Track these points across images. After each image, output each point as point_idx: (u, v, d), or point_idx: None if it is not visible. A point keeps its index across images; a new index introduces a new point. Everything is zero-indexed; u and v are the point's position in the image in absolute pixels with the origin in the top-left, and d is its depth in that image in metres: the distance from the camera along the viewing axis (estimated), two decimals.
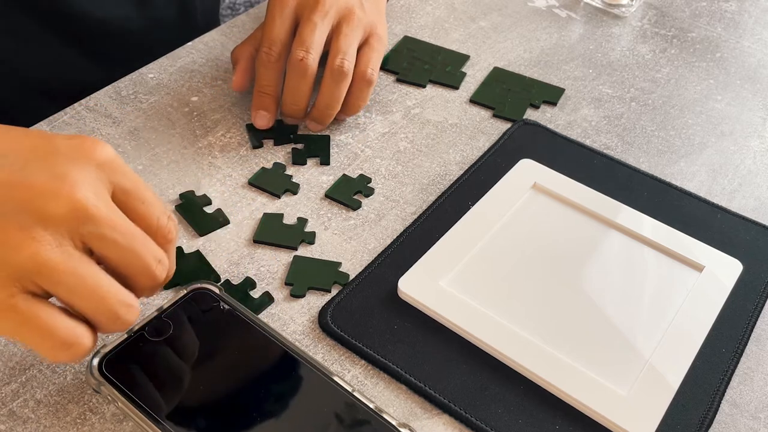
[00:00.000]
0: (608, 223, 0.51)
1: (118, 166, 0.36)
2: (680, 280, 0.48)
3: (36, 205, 0.32)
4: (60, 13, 0.62)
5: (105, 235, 0.34)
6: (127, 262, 0.36)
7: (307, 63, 0.54)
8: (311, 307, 0.46)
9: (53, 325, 0.33)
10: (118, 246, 0.35)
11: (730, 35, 0.72)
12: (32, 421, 0.40)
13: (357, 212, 0.52)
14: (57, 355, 0.34)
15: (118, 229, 0.34)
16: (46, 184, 0.32)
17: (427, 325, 0.45)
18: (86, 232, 0.33)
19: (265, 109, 0.56)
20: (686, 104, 0.63)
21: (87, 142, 0.35)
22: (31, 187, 0.32)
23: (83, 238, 0.34)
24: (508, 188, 0.53)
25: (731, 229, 0.52)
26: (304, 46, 0.54)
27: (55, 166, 0.33)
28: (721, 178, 0.57)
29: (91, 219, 0.33)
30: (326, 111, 0.56)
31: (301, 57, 0.53)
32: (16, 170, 0.33)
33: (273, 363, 0.41)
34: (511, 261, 0.49)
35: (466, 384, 0.42)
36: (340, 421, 0.39)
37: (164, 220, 0.38)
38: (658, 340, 0.45)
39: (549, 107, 0.62)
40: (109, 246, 0.34)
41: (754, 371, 0.45)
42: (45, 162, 0.33)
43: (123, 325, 0.36)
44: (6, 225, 0.32)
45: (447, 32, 0.69)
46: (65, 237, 0.33)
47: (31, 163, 0.33)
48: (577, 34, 0.70)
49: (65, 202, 0.33)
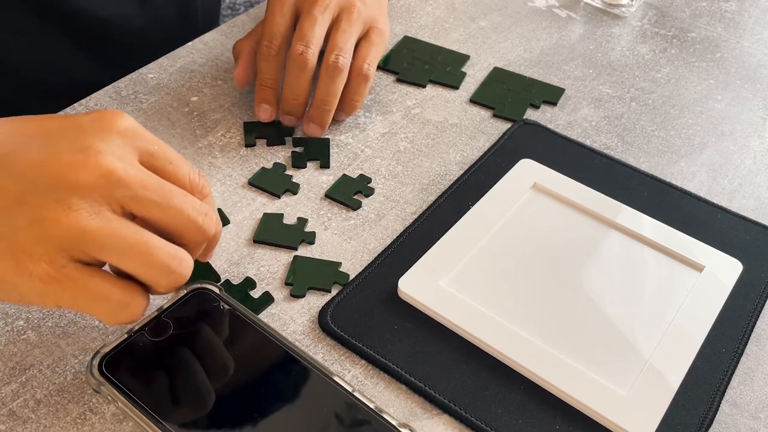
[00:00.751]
0: (608, 223, 0.51)
1: (139, 132, 0.37)
2: (680, 280, 0.48)
3: (67, 179, 0.34)
4: (63, 11, 0.62)
5: (139, 196, 0.35)
6: (169, 220, 0.36)
7: (306, 57, 0.54)
8: (311, 307, 0.46)
9: (107, 289, 0.35)
10: (155, 205, 0.36)
11: (731, 35, 0.72)
12: (32, 421, 0.40)
13: (357, 212, 0.52)
14: (115, 316, 0.36)
15: (150, 188, 0.36)
16: (73, 158, 0.34)
17: (427, 325, 0.45)
18: (120, 197, 0.35)
19: (267, 102, 0.56)
20: (686, 104, 0.63)
21: (107, 114, 0.37)
22: (59, 162, 0.34)
23: (120, 203, 0.35)
24: (508, 188, 0.53)
25: (731, 229, 0.52)
26: (304, 40, 0.54)
27: (79, 140, 0.35)
28: (721, 178, 0.57)
29: (122, 182, 0.35)
30: (323, 107, 0.55)
31: (301, 51, 0.54)
32: (45, 150, 0.34)
33: (273, 363, 0.41)
34: (512, 261, 0.49)
35: (466, 384, 0.42)
36: (340, 421, 0.39)
37: (195, 177, 0.39)
38: (658, 340, 0.45)
39: (549, 107, 0.62)
40: (146, 206, 0.35)
41: (754, 371, 0.45)
42: (70, 138, 0.35)
43: (177, 278, 0.36)
44: (43, 201, 0.33)
45: (447, 32, 0.69)
46: (102, 204, 0.34)
47: (58, 141, 0.35)
48: (577, 34, 0.70)
49: (93, 170, 0.34)
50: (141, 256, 0.35)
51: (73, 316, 0.45)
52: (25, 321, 0.44)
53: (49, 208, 0.33)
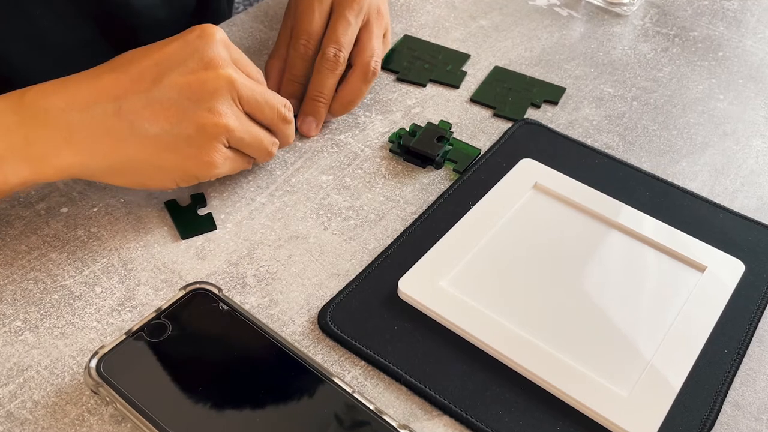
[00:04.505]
0: (610, 223, 0.51)
1: (228, 41, 0.48)
2: (682, 280, 0.48)
3: (208, 90, 0.45)
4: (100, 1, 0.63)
5: (249, 96, 0.47)
6: (264, 113, 0.49)
7: (339, 61, 0.56)
8: (311, 307, 0.46)
9: (243, 159, 0.50)
10: (257, 102, 0.48)
11: (733, 34, 0.71)
12: (30, 423, 0.40)
13: (357, 212, 0.52)
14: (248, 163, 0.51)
15: (255, 89, 0.48)
16: (207, 74, 0.46)
17: (428, 326, 0.45)
18: (237, 96, 0.47)
19: (294, 97, 0.58)
20: (688, 103, 0.63)
21: (206, 29, 0.47)
22: (198, 79, 0.45)
23: (239, 101, 0.47)
24: (508, 188, 0.53)
25: (733, 229, 0.52)
26: (338, 44, 0.56)
27: (200, 56, 0.46)
28: (723, 177, 0.57)
29: (240, 85, 0.47)
30: (347, 106, 0.58)
31: (334, 54, 0.56)
32: (182, 72, 0.45)
33: (272, 364, 0.41)
34: (512, 261, 0.48)
35: (466, 385, 0.42)
36: (340, 423, 0.38)
37: (261, 77, 0.50)
38: (659, 340, 0.44)
39: (550, 106, 0.62)
40: (252, 103, 0.48)
41: (756, 372, 0.44)
42: (195, 57, 0.46)
43: (271, 155, 0.51)
44: (200, 112, 0.45)
45: (447, 31, 0.69)
46: (232, 104, 0.47)
47: (186, 61, 0.46)
48: (578, 33, 0.70)
49: (222, 79, 0.46)
50: (256, 142, 0.49)
51: (71, 317, 0.45)
52: (22, 322, 0.44)
53: (205, 116, 0.45)
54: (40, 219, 0.50)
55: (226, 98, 0.46)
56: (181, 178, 0.47)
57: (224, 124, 0.46)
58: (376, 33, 0.58)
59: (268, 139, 0.50)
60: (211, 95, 0.45)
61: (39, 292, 0.46)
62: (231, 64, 0.47)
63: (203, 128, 0.45)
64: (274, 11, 0.69)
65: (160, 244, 0.49)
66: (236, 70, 0.47)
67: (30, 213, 0.50)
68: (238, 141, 0.48)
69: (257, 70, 0.50)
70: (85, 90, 0.44)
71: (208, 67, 0.46)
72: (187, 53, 0.46)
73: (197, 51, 0.46)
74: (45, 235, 0.49)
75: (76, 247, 0.48)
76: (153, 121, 0.45)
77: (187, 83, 0.45)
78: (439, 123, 0.58)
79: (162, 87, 0.45)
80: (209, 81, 0.45)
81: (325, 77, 0.56)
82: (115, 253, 0.48)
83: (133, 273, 0.47)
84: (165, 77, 0.45)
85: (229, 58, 0.47)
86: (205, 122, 0.45)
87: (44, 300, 0.45)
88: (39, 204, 0.51)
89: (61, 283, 0.46)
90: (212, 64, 0.46)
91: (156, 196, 0.52)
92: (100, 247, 0.49)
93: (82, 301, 0.45)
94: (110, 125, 0.44)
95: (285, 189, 0.54)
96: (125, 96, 0.44)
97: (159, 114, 0.45)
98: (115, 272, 0.47)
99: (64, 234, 0.49)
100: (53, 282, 0.46)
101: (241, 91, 0.47)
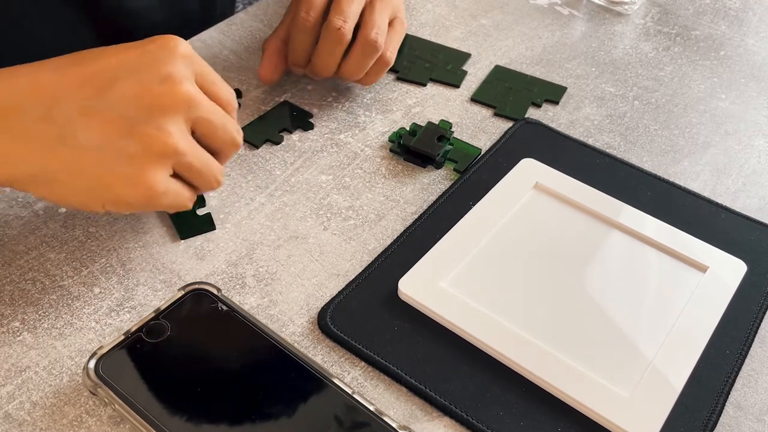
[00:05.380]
0: (611, 223, 0.51)
1: (193, 55, 0.44)
2: (684, 280, 0.48)
3: (161, 107, 0.41)
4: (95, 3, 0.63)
5: (205, 117, 0.43)
6: (217, 137, 0.44)
7: (343, 32, 0.55)
8: (310, 308, 0.46)
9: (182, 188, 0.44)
10: (213, 125, 0.44)
11: (734, 33, 0.71)
12: (28, 424, 0.40)
13: (357, 212, 0.52)
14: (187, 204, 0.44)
15: (212, 111, 0.43)
16: (162, 88, 0.41)
17: (428, 327, 0.45)
18: (195, 117, 0.42)
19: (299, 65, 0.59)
20: (690, 103, 0.63)
21: (169, 41, 0.43)
22: (152, 93, 0.41)
23: (193, 123, 0.43)
24: (509, 188, 0.53)
25: (735, 229, 0.52)
26: (342, 15, 0.55)
27: (158, 69, 0.41)
28: (725, 177, 0.56)
29: (197, 105, 0.42)
30: (348, 78, 0.58)
31: (339, 26, 0.55)
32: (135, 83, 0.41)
33: (272, 364, 0.41)
34: (513, 262, 0.48)
35: (467, 386, 0.42)
36: (340, 424, 0.38)
37: (229, 96, 0.46)
38: (661, 341, 0.44)
39: (551, 106, 0.62)
40: (207, 126, 0.43)
41: (758, 373, 0.44)
42: (152, 69, 0.41)
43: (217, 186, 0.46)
44: (147, 130, 0.40)
45: (448, 30, 0.69)
46: (183, 125, 0.42)
47: (141, 72, 0.41)
48: (579, 32, 0.70)
49: (177, 96, 0.41)
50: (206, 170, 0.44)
51: (69, 317, 0.44)
52: (20, 322, 0.44)
53: (153, 135, 0.40)
54: (39, 219, 0.50)
55: (179, 118, 0.41)
56: (111, 202, 0.42)
57: (173, 145, 0.41)
58: (378, 9, 0.57)
59: (217, 167, 0.45)
60: (163, 112, 0.41)
61: (37, 293, 0.46)
62: (191, 82, 0.42)
63: (149, 148, 0.40)
64: (273, 10, 0.69)
65: (159, 245, 0.49)
66: (195, 87, 0.42)
67: (28, 213, 0.50)
68: (187, 167, 0.43)
69: (226, 87, 0.46)
70: (19, 87, 0.40)
71: (164, 82, 0.41)
72: (143, 63, 0.41)
73: (155, 62, 0.41)
74: (43, 236, 0.49)
75: (75, 247, 0.48)
76: (88, 132, 0.40)
77: (137, 95, 0.40)
78: (439, 122, 0.58)
79: (108, 96, 0.40)
80: (163, 96, 0.41)
81: (329, 48, 0.56)
82: (113, 253, 0.48)
83: (131, 273, 0.47)
84: (114, 86, 0.40)
85: (189, 74, 0.43)
86: (152, 141, 0.40)
87: (42, 300, 0.45)
88: (37, 204, 0.51)
89: (59, 283, 0.46)
90: (169, 79, 0.41)
91: None
92: (98, 248, 0.48)
93: (80, 302, 0.45)
94: (36, 131, 0.40)
95: (284, 189, 0.53)
96: (61, 99, 0.40)
97: (96, 125, 0.40)
98: (114, 272, 0.47)
99: (63, 234, 0.49)
100: (51, 282, 0.46)
101: (198, 112, 0.42)
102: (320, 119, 0.59)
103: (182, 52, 0.43)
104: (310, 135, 0.58)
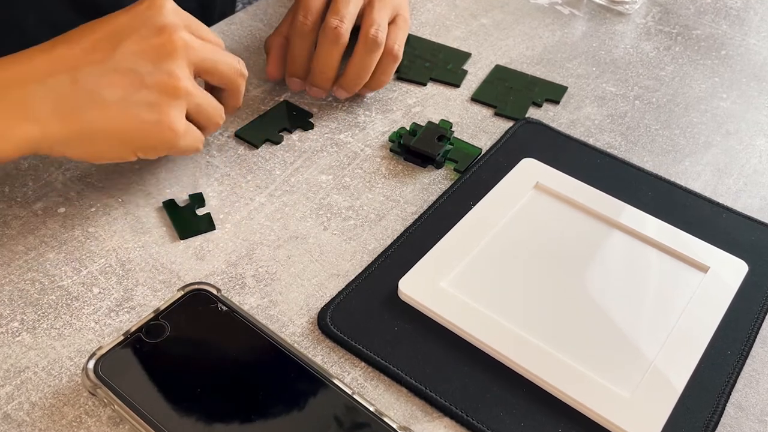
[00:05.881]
0: (612, 224, 0.51)
1: (179, 9, 0.48)
2: (685, 280, 0.47)
3: (164, 55, 0.46)
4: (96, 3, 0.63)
5: (205, 57, 0.48)
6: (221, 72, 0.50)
7: (340, 31, 0.55)
8: (310, 308, 0.46)
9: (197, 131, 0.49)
10: (213, 62, 0.49)
11: (736, 32, 0.71)
12: (27, 425, 0.39)
13: (357, 212, 0.52)
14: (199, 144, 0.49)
15: (209, 50, 0.48)
16: (160, 39, 0.46)
17: (428, 327, 0.45)
18: (195, 59, 0.47)
19: (297, 76, 0.59)
20: (691, 102, 0.63)
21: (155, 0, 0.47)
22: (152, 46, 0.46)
23: (195, 65, 0.47)
24: (510, 188, 0.53)
25: (736, 229, 0.51)
26: (338, 15, 0.55)
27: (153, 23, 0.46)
28: (726, 177, 0.56)
29: (195, 48, 0.47)
30: (356, 80, 0.57)
31: (335, 25, 0.55)
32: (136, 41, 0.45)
33: (271, 365, 0.40)
34: (514, 262, 0.48)
35: (467, 386, 0.42)
36: (340, 425, 0.38)
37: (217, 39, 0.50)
38: (662, 341, 0.44)
39: (552, 105, 0.62)
40: (208, 64, 0.48)
41: (759, 374, 0.44)
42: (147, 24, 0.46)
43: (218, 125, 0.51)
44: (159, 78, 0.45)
45: (448, 29, 0.69)
46: (186, 68, 0.47)
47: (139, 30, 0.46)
48: (580, 32, 0.70)
49: (176, 43, 0.46)
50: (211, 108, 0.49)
51: (68, 318, 0.44)
52: (19, 323, 0.44)
53: (166, 80, 0.45)
54: (38, 219, 0.50)
55: (182, 62, 0.46)
56: (141, 148, 0.47)
57: (184, 87, 0.46)
58: (377, 8, 0.57)
59: (218, 105, 0.50)
60: (167, 59, 0.46)
61: (36, 293, 0.45)
62: (183, 29, 0.47)
63: (164, 92, 0.45)
64: (273, 9, 0.69)
65: (159, 245, 0.49)
66: (188, 33, 0.47)
67: (27, 213, 0.50)
68: (196, 107, 0.48)
69: (212, 33, 0.50)
70: (39, 62, 0.44)
71: (161, 33, 0.46)
72: (138, 22, 0.46)
73: (149, 19, 0.46)
74: (42, 236, 0.49)
75: (74, 247, 0.48)
76: (112, 88, 0.44)
77: (142, 50, 0.45)
78: (439, 122, 0.58)
79: (117, 56, 0.45)
80: (165, 45, 0.46)
81: (327, 50, 0.56)
82: (112, 253, 0.48)
83: (131, 273, 0.47)
84: (119, 46, 0.45)
85: (181, 23, 0.47)
86: (166, 86, 0.45)
87: (41, 301, 0.45)
88: (36, 204, 0.51)
89: (58, 283, 0.46)
90: (165, 30, 0.46)
91: (154, 196, 0.52)
92: (97, 248, 0.48)
93: (79, 302, 0.45)
94: (68, 94, 0.44)
95: (284, 189, 0.53)
96: (81, 66, 0.44)
97: (117, 81, 0.44)
98: (113, 273, 0.47)
99: (62, 234, 0.49)
100: (50, 282, 0.46)
101: (196, 53, 0.47)
102: (320, 119, 0.59)
103: (168, 7, 0.47)
104: (310, 135, 0.58)
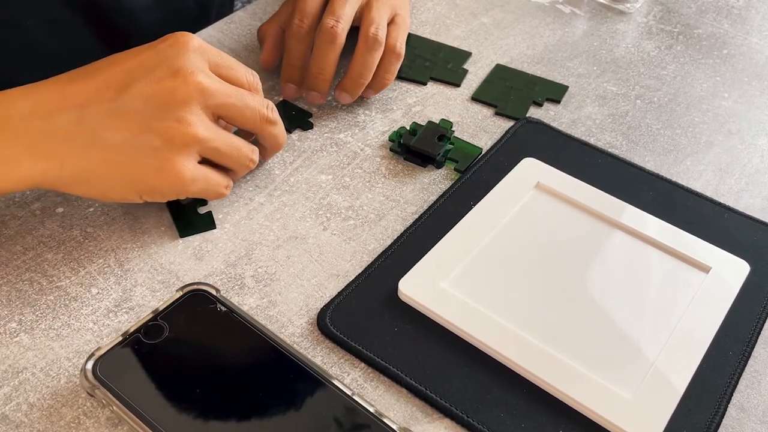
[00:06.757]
0: (613, 224, 0.50)
1: (205, 46, 0.46)
2: (686, 281, 0.47)
3: (176, 99, 0.43)
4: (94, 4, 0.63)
5: (224, 102, 0.45)
6: (247, 116, 0.47)
7: (336, 31, 0.54)
8: (310, 308, 0.46)
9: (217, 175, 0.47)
10: (235, 107, 0.46)
11: (738, 31, 0.71)
12: (25, 425, 0.39)
13: (357, 212, 0.52)
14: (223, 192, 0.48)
15: (230, 94, 0.46)
16: (174, 82, 0.44)
17: (428, 328, 0.44)
18: (212, 105, 0.45)
19: (292, 81, 0.58)
20: (692, 102, 0.62)
21: (180, 37, 0.45)
22: (165, 88, 0.43)
23: (212, 110, 0.45)
24: (510, 188, 0.52)
25: (738, 229, 0.51)
26: (335, 15, 0.55)
27: (170, 65, 0.44)
28: (728, 177, 0.56)
29: (211, 93, 0.45)
30: (358, 80, 0.56)
31: (331, 25, 0.54)
32: (149, 82, 0.43)
33: (271, 366, 0.40)
34: (514, 262, 0.48)
35: (467, 387, 0.42)
36: (340, 426, 0.38)
37: (251, 77, 0.49)
38: (663, 342, 0.44)
39: (552, 105, 0.61)
40: (230, 109, 0.46)
41: (761, 374, 0.44)
42: (163, 66, 0.44)
43: (250, 167, 0.49)
44: (166, 123, 0.43)
45: (448, 29, 0.68)
46: (203, 114, 0.44)
47: (154, 71, 0.44)
48: (581, 31, 0.70)
49: (190, 87, 0.44)
50: (233, 151, 0.47)
51: (67, 318, 0.44)
52: (18, 323, 0.44)
53: (173, 127, 0.43)
54: (36, 219, 0.49)
55: (195, 107, 0.44)
56: (146, 192, 0.45)
57: (193, 134, 0.44)
58: (376, 7, 0.56)
59: (246, 147, 0.48)
60: (180, 105, 0.44)
61: (34, 293, 0.45)
62: (202, 72, 0.45)
63: (171, 139, 0.43)
64: (272, 9, 0.69)
65: (157, 245, 0.49)
66: (209, 76, 0.45)
67: (25, 213, 0.50)
68: (212, 151, 0.46)
69: (245, 70, 0.48)
70: (51, 97, 0.43)
71: (176, 76, 0.44)
72: (156, 62, 0.44)
73: (167, 59, 0.44)
74: (40, 236, 0.48)
75: (72, 247, 0.48)
76: (115, 131, 0.43)
77: (153, 92, 0.43)
78: (439, 122, 0.58)
79: (127, 96, 0.43)
80: (177, 89, 0.44)
81: (323, 50, 0.55)
82: (111, 253, 0.48)
83: (129, 274, 0.47)
84: (131, 86, 0.43)
85: (201, 65, 0.45)
86: (172, 133, 0.43)
87: (40, 301, 0.45)
88: (34, 204, 0.50)
89: (56, 284, 0.46)
90: (181, 72, 0.44)
91: None
92: (96, 248, 0.48)
93: (78, 303, 0.45)
94: (72, 133, 0.43)
95: (284, 189, 0.53)
96: (89, 104, 0.43)
97: (121, 124, 0.43)
98: (112, 273, 0.47)
99: (60, 234, 0.49)
100: (49, 283, 0.46)
101: (214, 98, 0.45)
102: (320, 118, 0.59)
103: (193, 45, 0.45)
104: (310, 134, 0.57)
